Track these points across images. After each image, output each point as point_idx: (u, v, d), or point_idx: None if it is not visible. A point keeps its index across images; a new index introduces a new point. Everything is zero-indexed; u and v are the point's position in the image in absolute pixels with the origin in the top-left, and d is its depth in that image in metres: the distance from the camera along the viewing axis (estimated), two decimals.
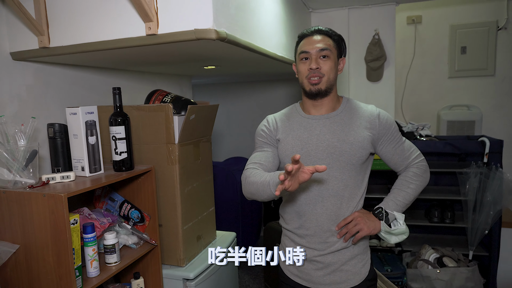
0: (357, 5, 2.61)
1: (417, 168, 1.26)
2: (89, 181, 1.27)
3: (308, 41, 1.21)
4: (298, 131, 1.24)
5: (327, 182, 1.19)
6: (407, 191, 1.23)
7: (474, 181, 2.28)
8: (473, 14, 3.06)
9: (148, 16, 1.10)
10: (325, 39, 1.20)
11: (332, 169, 1.18)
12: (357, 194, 1.22)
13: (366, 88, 2.71)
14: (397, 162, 1.26)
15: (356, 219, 1.18)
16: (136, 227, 1.51)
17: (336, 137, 1.19)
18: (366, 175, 1.25)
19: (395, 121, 1.32)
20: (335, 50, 1.22)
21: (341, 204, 1.20)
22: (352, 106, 1.26)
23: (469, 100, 3.14)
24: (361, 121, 1.21)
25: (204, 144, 1.73)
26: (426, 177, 1.27)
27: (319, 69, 1.18)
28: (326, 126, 1.21)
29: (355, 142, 1.18)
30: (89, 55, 1.34)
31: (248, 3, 1.36)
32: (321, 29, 1.22)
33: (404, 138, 1.28)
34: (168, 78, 2.41)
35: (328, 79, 1.19)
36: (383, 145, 1.23)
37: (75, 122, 1.29)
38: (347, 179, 1.19)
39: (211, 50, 1.36)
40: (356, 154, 1.18)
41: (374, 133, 1.21)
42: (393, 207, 1.21)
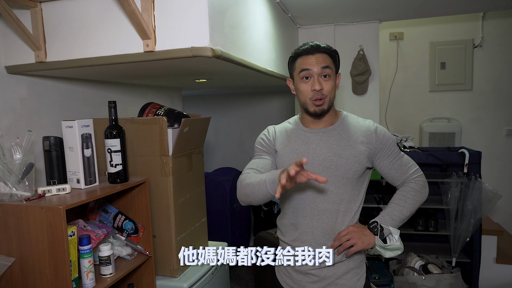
0: (342, 22, 2.72)
1: (415, 183, 1.26)
2: (85, 193, 1.29)
3: (309, 59, 1.19)
4: (296, 144, 1.26)
5: (322, 195, 1.20)
6: (404, 206, 1.24)
7: (455, 190, 2.38)
8: (451, 32, 3.23)
9: (146, 34, 1.14)
10: (325, 57, 1.20)
11: (328, 183, 1.18)
12: (352, 208, 1.22)
13: (352, 101, 2.80)
14: (394, 176, 1.27)
15: (350, 233, 1.18)
16: (130, 238, 1.53)
17: (332, 152, 1.20)
18: (362, 189, 1.26)
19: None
20: (334, 68, 1.22)
21: (336, 218, 1.20)
22: (350, 121, 1.27)
23: (449, 113, 3.29)
24: (357, 135, 1.22)
25: (196, 156, 1.77)
26: (424, 193, 1.27)
27: (322, 90, 1.18)
28: (323, 140, 1.23)
29: (350, 156, 1.19)
30: (85, 70, 1.37)
31: (241, 22, 1.42)
32: (319, 45, 1.20)
33: (402, 153, 1.29)
34: (159, 91, 2.45)
35: (329, 99, 1.21)
36: (380, 160, 1.24)
37: (71, 135, 1.31)
38: (342, 193, 1.20)
39: (205, 65, 1.41)
40: (351, 168, 1.19)
41: (370, 147, 1.21)
42: (389, 222, 1.21)
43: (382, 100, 3.37)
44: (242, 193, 1.18)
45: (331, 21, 2.70)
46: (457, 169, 2.47)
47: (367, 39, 2.71)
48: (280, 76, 2.07)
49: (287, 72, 2.29)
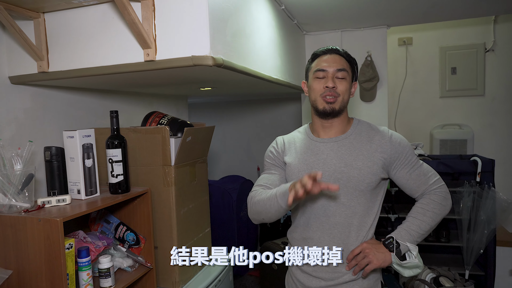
0: (349, 28, 2.69)
1: (435, 195, 1.17)
2: (85, 204, 1.27)
3: (326, 59, 1.18)
4: (305, 155, 1.21)
5: (334, 209, 1.15)
6: (423, 219, 1.14)
7: (467, 200, 2.30)
8: (462, 36, 3.16)
9: (146, 43, 1.13)
10: (342, 60, 1.19)
11: (340, 196, 1.14)
12: (366, 222, 1.16)
13: (360, 108, 2.75)
14: (412, 187, 1.18)
15: (364, 251, 1.11)
16: (131, 249, 1.50)
17: (343, 162, 1.14)
18: (377, 202, 1.19)
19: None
20: (350, 73, 1.20)
21: (349, 232, 1.14)
22: (363, 128, 1.21)
23: (461, 119, 3.21)
24: (371, 144, 1.16)
25: (200, 165, 1.74)
26: (446, 205, 1.17)
27: (335, 88, 1.15)
28: (333, 150, 1.18)
29: (363, 167, 1.13)
30: (89, 79, 1.37)
31: (243, 29, 1.40)
32: (338, 49, 1.21)
33: (421, 161, 1.20)
34: (165, 99, 2.44)
35: (342, 100, 1.17)
36: (396, 170, 1.17)
37: (72, 145, 1.30)
38: (355, 206, 1.14)
39: (207, 74, 1.39)
40: (364, 180, 1.12)
41: (385, 157, 1.15)
42: (406, 238, 1.12)
43: (391, 106, 3.31)
44: (254, 211, 1.15)
45: (338, 27, 2.67)
46: (469, 178, 2.39)
47: (375, 45, 2.67)
48: (285, 83, 2.04)
49: (293, 79, 2.27)
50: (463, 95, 3.22)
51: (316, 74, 1.20)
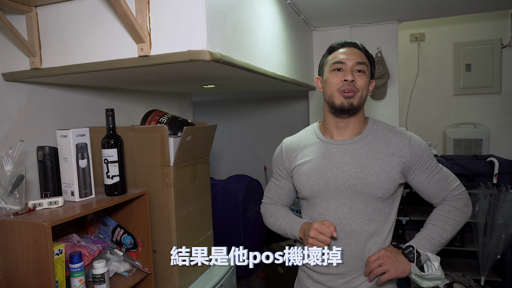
0: (359, 24, 2.59)
1: (456, 201, 1.09)
2: (79, 206, 1.21)
3: (344, 52, 1.10)
4: (316, 159, 1.12)
5: (349, 217, 1.07)
6: (444, 227, 1.07)
7: (483, 203, 2.19)
8: (477, 32, 3.03)
9: (140, 37, 1.06)
10: (361, 53, 1.11)
11: (355, 202, 1.06)
12: (384, 229, 1.08)
13: (369, 106, 2.66)
14: (432, 193, 1.11)
15: (382, 258, 1.04)
16: (129, 253, 1.45)
17: (360, 167, 1.06)
18: (394, 207, 1.11)
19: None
20: (369, 67, 1.11)
21: (366, 240, 1.06)
22: (379, 129, 1.12)
23: (476, 118, 3.08)
24: (389, 147, 1.07)
25: (201, 166, 1.68)
26: (467, 212, 1.10)
27: (354, 83, 1.06)
28: (348, 154, 1.08)
29: (381, 172, 1.04)
30: (82, 76, 1.31)
31: (245, 23, 1.33)
32: (357, 43, 1.13)
33: (440, 165, 1.12)
34: (168, 97, 2.39)
35: (361, 96, 1.08)
36: (415, 175, 1.08)
37: (65, 145, 1.24)
38: (372, 213, 1.06)
39: (207, 70, 1.32)
40: (383, 186, 1.04)
41: (404, 161, 1.06)
42: (427, 247, 1.05)
43: (402, 104, 3.20)
44: (267, 223, 1.24)
45: (347, 22, 2.58)
46: (485, 180, 2.28)
47: (385, 41, 2.57)
48: (291, 81, 1.96)
49: (299, 76, 2.18)
50: (478, 93, 3.09)
51: (333, 67, 1.10)
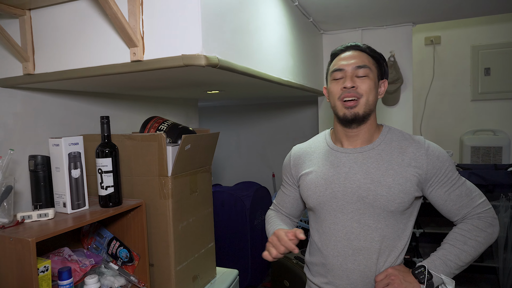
0: (371, 27, 2.49)
1: (479, 220, 0.99)
2: (71, 219, 1.15)
3: (343, 57, 1.04)
4: (324, 168, 1.05)
5: (358, 232, 0.99)
6: (463, 248, 0.96)
7: (504, 215, 2.06)
8: (496, 34, 2.90)
9: (132, 41, 1.00)
10: (362, 55, 1.03)
11: (364, 216, 0.99)
12: (396, 246, 1.00)
13: (382, 112, 2.55)
14: (451, 210, 1.01)
15: (389, 277, 0.96)
16: (125, 267, 1.38)
17: (370, 178, 0.98)
18: (410, 223, 1.02)
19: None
20: (375, 70, 1.03)
21: (377, 258, 0.99)
22: (394, 137, 1.03)
23: (495, 125, 2.93)
24: (404, 157, 0.99)
25: (202, 175, 1.60)
26: (491, 233, 0.99)
27: (355, 88, 0.99)
28: (358, 163, 1.01)
29: (394, 184, 0.96)
30: (76, 82, 1.26)
31: (246, 25, 1.26)
32: (358, 45, 1.06)
33: (463, 179, 1.02)
34: (173, 103, 2.33)
35: (366, 102, 1.00)
36: (433, 188, 0.99)
37: (58, 154, 1.19)
38: (383, 229, 0.98)
39: (205, 76, 1.25)
40: (395, 199, 0.96)
41: (420, 173, 0.98)
42: (441, 268, 0.95)
43: (417, 110, 3.07)
44: (266, 232, 1.21)
45: (359, 25, 2.48)
46: (505, 191, 2.14)
47: (399, 44, 2.46)
48: (299, 86, 1.88)
49: (308, 81, 2.10)
50: (497, 98, 2.94)
51: (333, 75, 1.05)
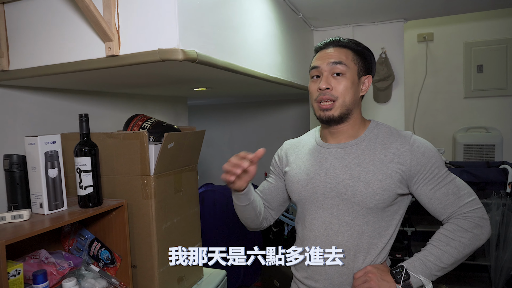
0: (362, 23, 2.47)
1: (465, 220, 0.93)
2: (48, 220, 1.11)
3: (320, 55, 1.01)
4: (307, 163, 1.05)
5: (336, 228, 0.97)
6: (445, 250, 0.92)
7: (496, 213, 2.04)
8: (489, 31, 2.88)
9: (107, 35, 0.96)
10: (341, 52, 0.99)
11: (343, 212, 0.97)
12: (377, 244, 0.97)
13: (373, 110, 2.52)
14: (436, 208, 0.97)
15: (367, 275, 0.94)
16: (107, 269, 1.34)
17: (349, 173, 0.96)
18: (394, 221, 0.99)
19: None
20: (355, 66, 0.99)
21: (354, 255, 0.97)
22: (380, 133, 1.01)
23: (488, 122, 2.91)
24: (387, 153, 0.96)
25: (188, 174, 1.57)
26: (478, 234, 0.93)
27: (330, 90, 0.96)
28: (339, 159, 1.00)
29: (373, 180, 0.94)
30: (54, 78, 1.22)
31: (229, 20, 1.22)
32: (337, 39, 1.01)
33: (453, 175, 0.97)
34: (161, 101, 2.29)
35: (343, 103, 0.97)
36: (418, 185, 0.95)
37: (34, 153, 1.15)
38: (362, 225, 0.96)
39: (186, 72, 1.21)
40: (374, 196, 0.94)
41: (404, 169, 0.94)
42: (420, 269, 0.92)
43: (410, 108, 3.05)
44: (238, 216, 1.14)
45: (350, 22, 2.45)
46: (498, 188, 2.12)
47: (390, 41, 2.43)
48: (287, 83, 1.85)
49: (297, 78, 2.06)
50: (490, 95, 2.93)
51: (311, 74, 1.03)
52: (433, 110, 3.07)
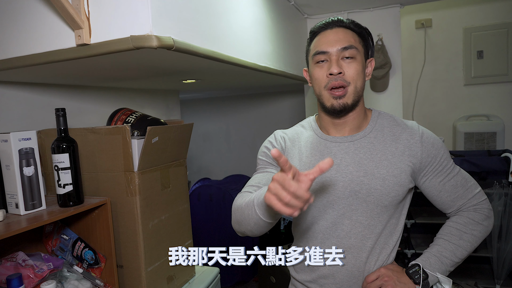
0: (357, 9, 2.38)
1: (475, 213, 0.92)
2: (24, 220, 1.06)
3: (326, 37, 0.92)
4: (312, 158, 0.95)
5: (348, 228, 0.91)
6: (459, 244, 0.90)
7: (498, 204, 1.98)
8: (490, 15, 2.78)
9: (75, 22, 0.89)
10: (348, 34, 0.91)
11: (356, 212, 0.90)
12: (388, 243, 0.93)
13: (370, 99, 2.45)
14: (445, 201, 0.94)
15: (382, 278, 0.89)
16: (91, 270, 1.29)
17: (363, 170, 0.90)
18: (401, 218, 0.95)
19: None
20: (362, 49, 0.92)
21: (367, 257, 0.91)
22: (385, 123, 0.95)
23: (489, 110, 2.84)
24: (398, 145, 0.91)
25: (176, 169, 1.51)
26: (487, 226, 0.93)
27: (342, 75, 0.88)
28: (349, 154, 0.93)
29: (388, 176, 0.88)
30: (27, 71, 1.15)
31: (211, 6, 1.15)
32: (341, 20, 0.93)
33: (458, 168, 0.94)
34: (151, 95, 2.22)
35: (355, 89, 0.90)
36: (426, 178, 0.92)
37: (7, 150, 1.09)
38: (375, 225, 0.91)
39: (167, 61, 1.14)
40: (390, 193, 0.88)
41: (415, 162, 0.90)
42: (437, 266, 0.89)
43: (408, 96, 2.97)
44: (234, 220, 0.90)
45: (344, 8, 2.37)
46: (499, 178, 2.05)
47: (387, 27, 2.35)
48: (279, 72, 1.78)
49: (290, 68, 1.99)
50: (491, 82, 2.84)
51: (315, 59, 0.93)
52: (432, 98, 2.99)
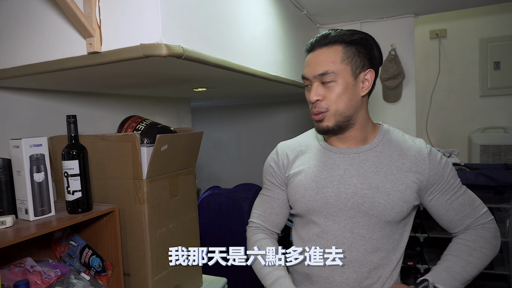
0: (370, 19, 2.37)
1: (483, 231, 0.91)
2: (33, 226, 1.06)
3: (308, 62, 0.93)
4: (315, 168, 0.94)
5: (350, 243, 0.89)
6: (469, 260, 0.88)
7: None
8: (506, 25, 2.73)
9: (87, 31, 0.90)
10: (329, 53, 0.88)
11: (358, 225, 0.89)
12: (391, 259, 0.91)
13: (382, 110, 2.41)
14: (452, 220, 0.93)
15: None
16: (99, 277, 1.29)
17: (367, 183, 0.88)
18: (405, 234, 0.93)
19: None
20: (346, 66, 0.88)
21: (369, 273, 0.89)
22: (393, 138, 0.94)
23: (506, 122, 2.76)
24: (404, 160, 0.90)
25: (185, 178, 1.50)
26: (496, 245, 0.92)
27: (320, 101, 0.89)
28: (354, 166, 0.91)
29: (393, 191, 0.87)
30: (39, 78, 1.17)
31: (222, 14, 1.15)
32: (326, 35, 0.89)
33: (464, 186, 0.93)
34: (162, 102, 2.24)
35: (336, 112, 0.88)
36: (433, 196, 0.91)
37: (18, 156, 1.10)
38: (378, 240, 0.89)
39: (177, 69, 1.15)
40: (394, 208, 0.87)
41: (421, 179, 0.89)
42: (448, 281, 0.86)
43: (422, 107, 2.92)
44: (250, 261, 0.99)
45: (357, 18, 2.36)
46: None
47: (400, 37, 2.32)
48: (289, 82, 1.77)
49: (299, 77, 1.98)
50: (508, 94, 2.78)
51: (304, 82, 0.97)
52: (447, 109, 2.94)
